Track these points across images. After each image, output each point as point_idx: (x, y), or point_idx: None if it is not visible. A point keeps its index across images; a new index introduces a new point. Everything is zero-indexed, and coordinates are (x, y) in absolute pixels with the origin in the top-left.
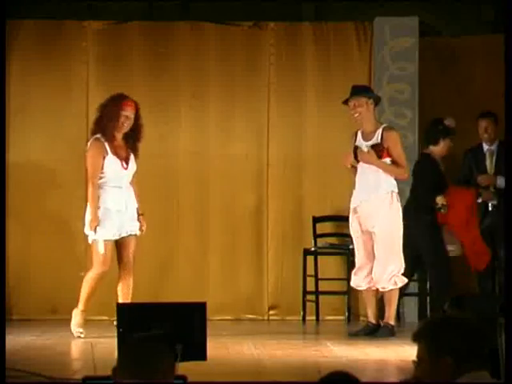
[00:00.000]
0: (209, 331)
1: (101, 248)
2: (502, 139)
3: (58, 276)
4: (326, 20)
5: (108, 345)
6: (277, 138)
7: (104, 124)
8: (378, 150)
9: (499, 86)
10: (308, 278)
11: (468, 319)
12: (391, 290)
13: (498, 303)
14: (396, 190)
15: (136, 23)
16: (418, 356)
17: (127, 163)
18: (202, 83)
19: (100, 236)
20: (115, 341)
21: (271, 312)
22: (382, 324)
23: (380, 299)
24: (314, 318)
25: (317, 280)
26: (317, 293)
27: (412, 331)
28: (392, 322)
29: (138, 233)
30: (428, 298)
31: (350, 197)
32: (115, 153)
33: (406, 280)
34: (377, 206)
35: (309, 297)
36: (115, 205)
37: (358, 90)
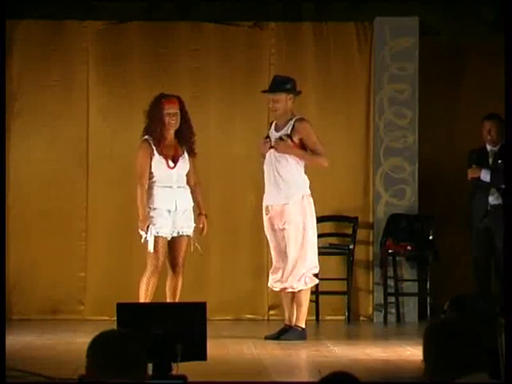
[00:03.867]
0: (209, 331)
1: (150, 247)
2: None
3: (58, 276)
4: (325, 20)
5: None
6: None
7: (152, 127)
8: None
9: (499, 86)
10: None
11: (467, 321)
12: (301, 290)
13: (497, 304)
14: (308, 192)
15: (136, 23)
16: (423, 357)
17: (175, 162)
18: (202, 83)
19: (150, 235)
20: None
21: (271, 312)
22: (292, 326)
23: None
24: (313, 318)
25: None
26: (317, 293)
27: (412, 331)
28: (302, 325)
29: (191, 234)
30: (428, 298)
31: (350, 197)
32: (162, 152)
33: (317, 280)
34: (288, 211)
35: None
36: (165, 205)
37: (279, 86)
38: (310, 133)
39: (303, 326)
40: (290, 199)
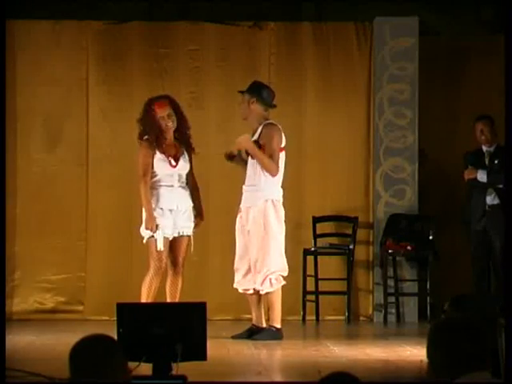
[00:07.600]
0: (209, 331)
1: (160, 245)
2: (500, 144)
3: (58, 276)
4: (325, 20)
5: None
6: None
7: (149, 133)
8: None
9: (499, 87)
10: (308, 278)
11: (470, 320)
12: (270, 291)
13: (497, 303)
14: (276, 198)
15: (136, 23)
16: (427, 355)
17: (176, 161)
18: (202, 83)
19: (158, 233)
20: None
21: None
22: (259, 326)
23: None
24: (314, 317)
25: (317, 280)
26: (317, 293)
27: (412, 331)
28: (277, 325)
29: (191, 234)
30: (428, 298)
31: (350, 197)
32: (163, 152)
33: (283, 282)
34: (251, 214)
35: (309, 297)
36: (167, 204)
37: (248, 88)
38: (270, 138)
39: (278, 326)
40: (253, 203)
